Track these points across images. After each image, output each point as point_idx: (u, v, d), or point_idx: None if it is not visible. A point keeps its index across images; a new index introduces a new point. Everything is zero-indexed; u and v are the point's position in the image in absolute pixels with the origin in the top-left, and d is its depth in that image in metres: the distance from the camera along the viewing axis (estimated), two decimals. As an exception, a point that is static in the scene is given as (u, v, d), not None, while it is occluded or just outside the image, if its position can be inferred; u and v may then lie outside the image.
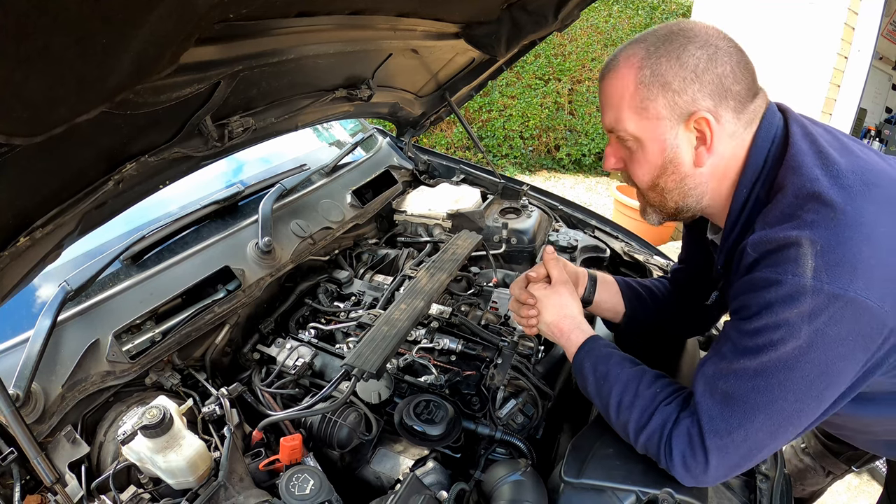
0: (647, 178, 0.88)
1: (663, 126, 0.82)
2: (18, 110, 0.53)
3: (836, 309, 0.68)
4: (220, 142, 1.08)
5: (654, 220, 0.96)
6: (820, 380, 0.72)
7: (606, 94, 0.86)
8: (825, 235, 0.70)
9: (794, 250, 0.71)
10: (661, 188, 0.88)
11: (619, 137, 0.88)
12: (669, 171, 0.85)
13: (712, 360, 0.82)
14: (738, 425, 0.76)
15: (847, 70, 4.07)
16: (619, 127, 0.85)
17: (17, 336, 1.05)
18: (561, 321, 1.03)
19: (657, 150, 0.84)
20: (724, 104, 0.80)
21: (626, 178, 0.94)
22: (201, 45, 0.81)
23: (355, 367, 1.03)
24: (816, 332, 0.70)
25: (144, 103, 0.77)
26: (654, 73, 0.80)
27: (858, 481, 2.42)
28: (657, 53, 0.80)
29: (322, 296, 1.56)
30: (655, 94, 0.80)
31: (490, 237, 1.83)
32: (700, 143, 0.82)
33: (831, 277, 0.68)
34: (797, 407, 0.74)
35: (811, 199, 0.73)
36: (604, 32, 6.25)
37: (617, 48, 0.87)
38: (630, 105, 0.83)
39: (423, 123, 2.11)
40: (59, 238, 0.96)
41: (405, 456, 1.12)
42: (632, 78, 0.82)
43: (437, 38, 1.46)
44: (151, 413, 0.93)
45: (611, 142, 0.92)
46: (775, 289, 0.72)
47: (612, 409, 0.91)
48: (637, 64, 0.81)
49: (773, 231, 0.75)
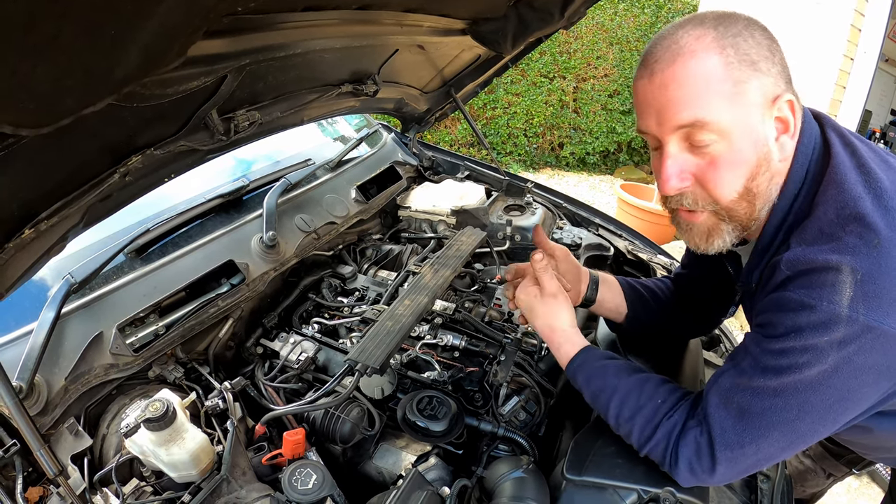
0: (738, 183, 0.73)
1: (756, 114, 0.70)
2: (25, 101, 0.52)
3: (867, 340, 0.66)
4: (226, 135, 1.08)
5: (727, 243, 0.79)
6: (840, 405, 0.71)
7: (680, 84, 0.70)
8: (867, 264, 0.65)
9: (832, 275, 0.67)
10: (752, 193, 0.74)
11: (692, 141, 0.72)
12: (763, 168, 0.73)
13: (729, 372, 0.79)
14: (751, 440, 0.75)
15: (853, 72, 4.05)
16: (707, 121, 0.69)
17: (21, 328, 1.05)
18: (550, 335, 0.99)
19: (750, 145, 0.71)
20: (791, 89, 0.72)
21: (695, 198, 0.76)
22: (209, 38, 0.80)
23: (359, 363, 1.03)
24: (843, 359, 0.67)
25: (151, 96, 0.76)
26: (738, 52, 0.68)
27: (858, 483, 2.42)
28: (729, 32, 0.69)
29: (326, 291, 1.56)
30: (748, 76, 0.68)
31: (494, 234, 1.83)
32: (781, 132, 0.73)
33: (868, 309, 0.65)
34: (813, 427, 0.73)
35: (854, 220, 0.68)
36: (609, 30, 6.22)
37: (658, 38, 0.72)
38: (721, 92, 0.68)
39: (427, 119, 2.10)
40: (64, 230, 0.96)
41: (407, 451, 1.12)
42: (717, 59, 0.68)
43: (444, 34, 1.46)
44: (154, 406, 0.93)
45: (670, 152, 0.74)
46: (807, 313, 0.68)
47: (611, 421, 0.91)
48: (715, 44, 0.68)
49: (811, 250, 0.69)
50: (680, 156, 0.74)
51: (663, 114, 0.72)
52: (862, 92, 4.02)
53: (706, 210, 0.77)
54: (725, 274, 1.01)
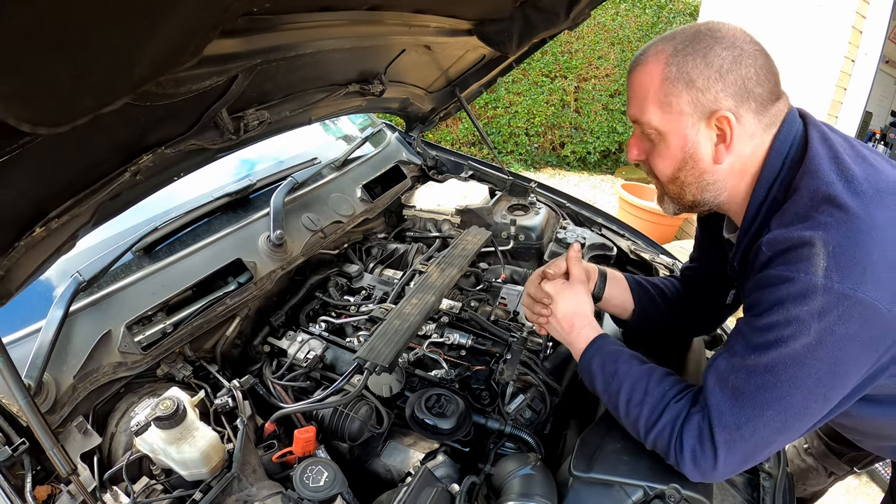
0: (667, 170, 0.90)
1: (685, 122, 0.84)
2: (45, 99, 0.52)
3: (844, 308, 0.70)
4: (236, 134, 1.08)
5: (670, 210, 0.98)
6: (827, 378, 0.74)
7: (633, 87, 0.89)
8: (838, 237, 0.72)
9: (807, 249, 0.73)
10: (680, 181, 0.91)
11: (642, 130, 0.90)
12: (689, 165, 0.88)
13: (723, 355, 0.84)
14: (747, 420, 0.78)
15: (854, 73, 4.06)
16: (643, 119, 0.88)
17: (29, 326, 1.05)
18: (573, 317, 1.04)
19: (678, 145, 0.87)
20: (746, 105, 0.82)
21: (648, 169, 0.96)
22: (223, 37, 0.81)
23: (368, 361, 1.03)
24: (825, 329, 0.71)
25: (165, 94, 0.77)
26: (679, 70, 0.82)
27: (858, 483, 2.43)
28: (685, 51, 0.82)
29: (332, 289, 1.56)
30: (680, 91, 0.83)
31: (498, 233, 1.83)
32: (720, 140, 0.85)
33: (842, 277, 0.70)
34: (805, 404, 0.76)
35: (826, 202, 0.75)
36: (611, 31, 6.22)
37: (647, 43, 0.90)
38: (654, 99, 0.85)
39: (432, 119, 2.11)
40: (74, 229, 0.96)
41: (415, 449, 1.12)
42: (658, 73, 0.84)
43: (450, 35, 1.46)
44: (165, 404, 0.93)
45: (635, 133, 0.94)
46: (787, 286, 0.74)
47: (620, 406, 0.92)
48: (664, 60, 0.84)
49: (787, 230, 0.77)
50: (639, 137, 0.93)
51: (628, 107, 0.92)
52: (863, 93, 4.03)
53: (659, 182, 0.95)
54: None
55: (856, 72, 4.03)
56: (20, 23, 0.42)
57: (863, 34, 3.96)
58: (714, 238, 1.10)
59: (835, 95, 4.04)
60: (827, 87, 4.03)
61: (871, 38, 3.93)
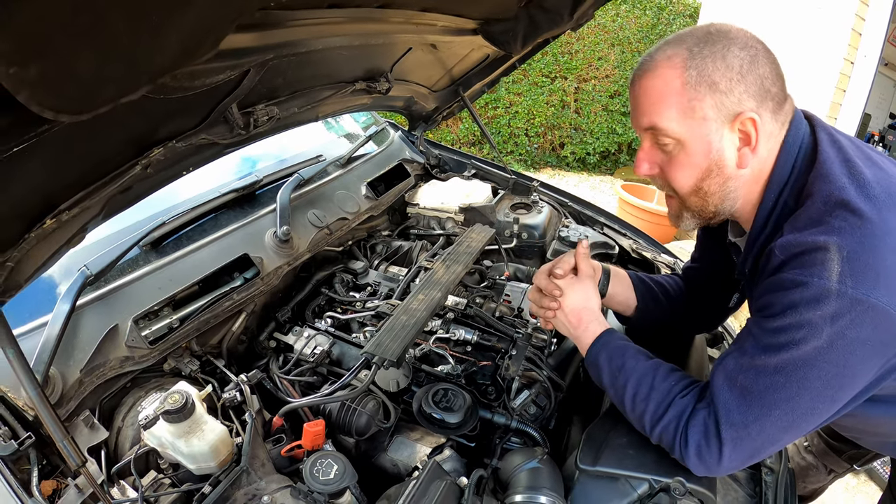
0: (689, 181, 0.86)
1: (709, 127, 0.81)
2: (68, 87, 0.52)
3: (857, 313, 0.70)
4: (245, 129, 1.09)
5: (690, 226, 0.93)
6: (836, 380, 0.74)
7: (644, 94, 0.84)
8: (852, 242, 0.71)
9: (821, 254, 0.73)
10: (703, 191, 0.86)
11: (657, 141, 0.85)
12: (714, 173, 0.84)
13: (733, 354, 0.84)
14: (755, 419, 0.78)
15: (853, 75, 4.09)
16: (659, 127, 0.83)
17: (36, 319, 1.05)
18: (581, 311, 1.04)
19: (702, 152, 0.83)
20: (765, 105, 0.80)
21: (662, 183, 0.91)
22: (238, 32, 0.81)
23: (376, 356, 1.04)
24: (837, 333, 0.72)
25: (180, 87, 0.77)
26: (700, 74, 0.79)
27: (856, 481, 2.44)
28: (701, 54, 0.79)
29: (338, 285, 1.57)
30: (703, 95, 0.79)
31: (501, 232, 1.84)
32: (743, 144, 0.82)
33: (855, 282, 0.70)
34: (812, 405, 0.76)
35: (839, 207, 0.74)
36: (611, 32, 6.25)
37: (649, 50, 0.85)
38: (675, 105, 0.81)
39: (435, 118, 2.12)
40: (84, 221, 0.96)
41: (422, 444, 1.13)
42: (675, 78, 0.80)
43: (456, 34, 1.47)
44: (173, 398, 0.93)
45: (644, 145, 0.89)
46: (801, 290, 0.73)
47: (627, 400, 0.93)
48: (681, 64, 0.80)
49: (801, 235, 0.76)
50: (650, 150, 0.88)
51: (636, 116, 0.87)
52: (862, 95, 4.06)
53: (675, 196, 0.91)
54: (732, 266, 1.05)
55: (855, 74, 4.06)
56: (49, 8, 0.42)
57: (862, 37, 4.00)
58: (716, 239, 1.11)
59: (834, 97, 4.07)
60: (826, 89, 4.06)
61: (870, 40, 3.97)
